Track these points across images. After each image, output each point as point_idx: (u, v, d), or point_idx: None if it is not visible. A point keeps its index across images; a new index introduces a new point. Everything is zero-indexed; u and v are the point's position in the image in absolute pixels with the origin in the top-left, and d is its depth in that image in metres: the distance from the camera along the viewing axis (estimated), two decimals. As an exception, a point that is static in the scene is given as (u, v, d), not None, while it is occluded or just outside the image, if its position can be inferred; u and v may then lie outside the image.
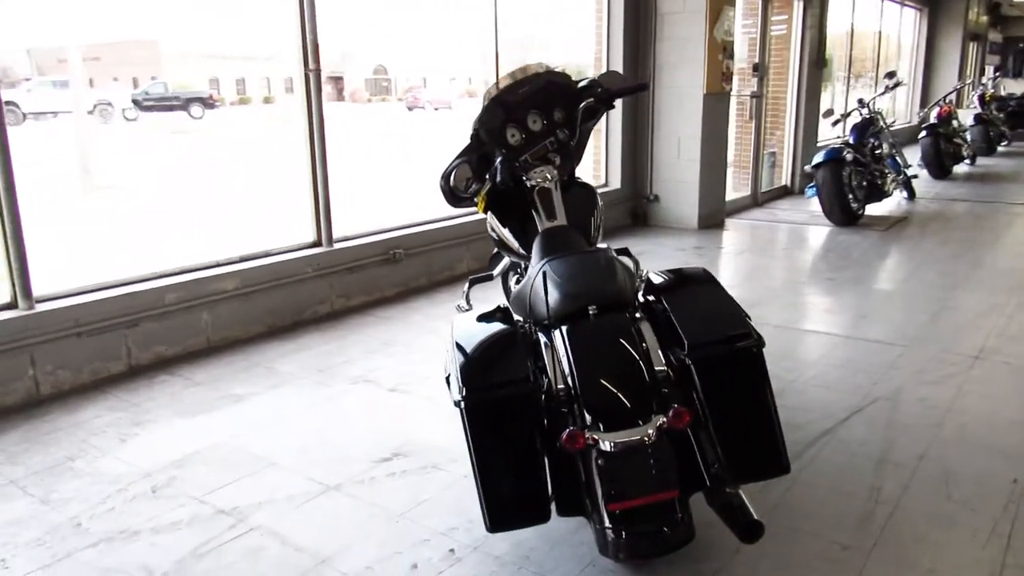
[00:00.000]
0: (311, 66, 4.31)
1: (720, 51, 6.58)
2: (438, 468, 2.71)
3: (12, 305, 3.31)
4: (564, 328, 2.04)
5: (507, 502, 1.86)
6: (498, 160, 2.88)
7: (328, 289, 4.49)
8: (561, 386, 1.95)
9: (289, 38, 4.32)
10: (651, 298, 2.24)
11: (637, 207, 7.07)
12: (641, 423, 1.84)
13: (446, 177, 2.90)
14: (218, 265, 4.06)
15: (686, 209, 6.87)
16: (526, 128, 3.05)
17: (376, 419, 3.14)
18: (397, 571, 2.17)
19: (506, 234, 2.91)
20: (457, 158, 2.97)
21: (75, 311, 3.44)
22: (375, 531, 2.35)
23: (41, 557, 2.24)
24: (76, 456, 2.84)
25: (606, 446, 1.81)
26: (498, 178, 2.80)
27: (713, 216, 7.00)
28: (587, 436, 1.82)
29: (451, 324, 2.24)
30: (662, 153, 6.90)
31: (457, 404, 1.90)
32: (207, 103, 32.97)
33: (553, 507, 1.92)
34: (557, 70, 3.21)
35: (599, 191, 6.67)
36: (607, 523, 1.81)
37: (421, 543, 2.29)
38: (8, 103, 14.52)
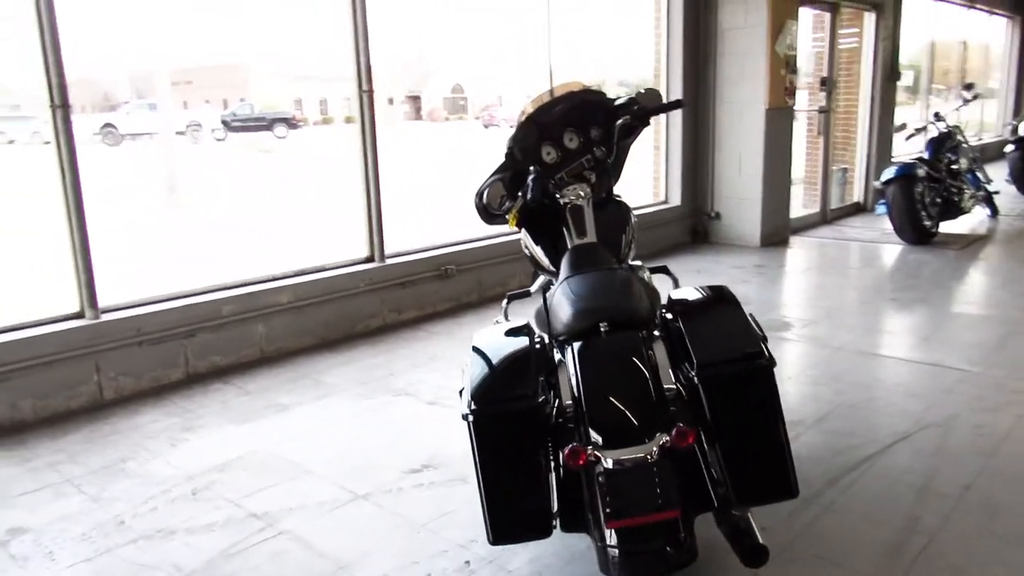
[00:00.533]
0: (364, 87, 4.46)
1: (783, 65, 6.47)
2: (465, 481, 2.75)
3: (80, 315, 3.52)
4: (575, 345, 2.05)
5: (509, 516, 1.88)
6: (530, 178, 2.92)
7: (380, 303, 4.61)
8: (569, 402, 1.96)
9: (345, 60, 4.48)
10: (669, 316, 2.23)
11: (698, 224, 6.98)
12: (645, 441, 1.83)
13: (480, 195, 2.95)
14: (274, 279, 4.23)
15: (748, 226, 6.75)
16: (562, 146, 3.08)
17: (412, 431, 3.21)
18: (413, 580, 2.22)
19: (538, 251, 2.94)
20: (491, 176, 3.02)
21: (137, 321, 3.64)
22: (396, 540, 2.41)
23: (84, 551, 2.38)
24: (129, 458, 3.00)
25: (608, 463, 1.82)
26: (528, 195, 2.84)
27: (777, 234, 6.85)
28: (589, 453, 1.82)
29: (472, 339, 2.28)
30: (723, 170, 6.81)
31: (464, 417, 1.94)
32: (291, 123, 34.18)
33: (558, 523, 1.93)
34: (592, 88, 3.24)
35: (657, 208, 6.70)
36: (607, 540, 1.81)
37: (439, 554, 2.33)
38: (107, 125, 15.30)
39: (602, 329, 2.06)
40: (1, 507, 2.65)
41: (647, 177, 7.03)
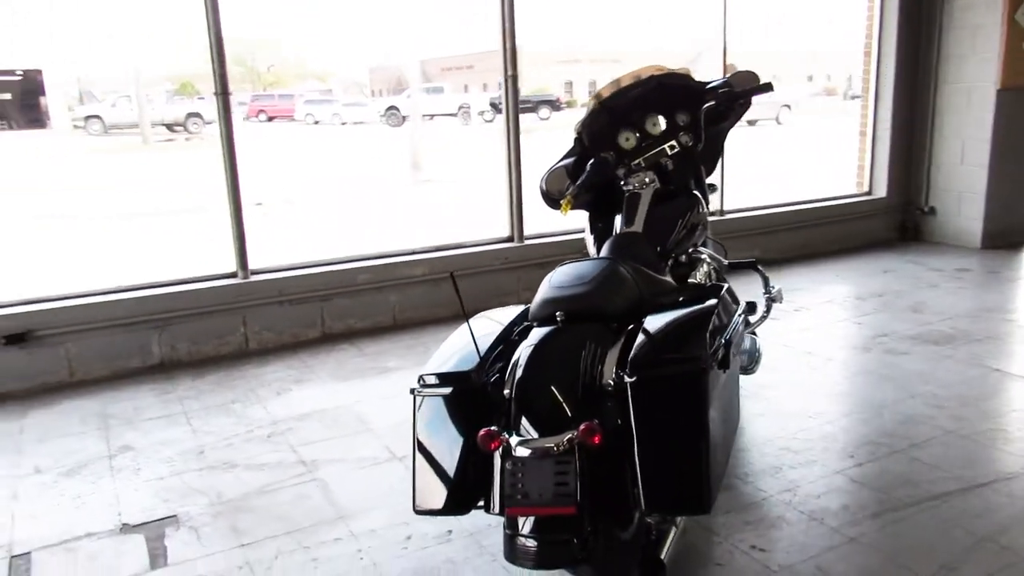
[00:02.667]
0: (509, 72, 4.60)
1: (1023, 40, 5.54)
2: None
3: (234, 275, 4.09)
4: (532, 332, 2.06)
5: (428, 490, 1.95)
6: (589, 164, 2.90)
7: (515, 282, 4.76)
8: (507, 389, 1.98)
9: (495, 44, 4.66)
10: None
11: (907, 219, 6.24)
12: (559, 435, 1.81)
13: (543, 180, 2.98)
14: (412, 253, 4.56)
15: (968, 224, 5.91)
16: (644, 131, 3.00)
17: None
18: (395, 538, 2.38)
19: (588, 238, 2.92)
20: (557, 162, 3.03)
21: (280, 283, 4.14)
22: (400, 501, 2.56)
23: (161, 471, 2.84)
24: (238, 401, 3.47)
25: (516, 451, 1.82)
26: (580, 180, 2.83)
27: (1004, 235, 5.91)
28: (502, 438, 1.84)
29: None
30: (942, 158, 6.00)
31: (411, 392, 2.04)
32: (555, 105, 35.17)
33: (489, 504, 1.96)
34: (677, 71, 3.11)
35: (857, 200, 6.10)
36: (505, 525, 1.83)
37: (430, 520, 2.45)
38: (391, 107, 17.51)
39: (558, 319, 2.05)
40: (127, 427, 3.22)
41: (850, 165, 6.42)
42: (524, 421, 1.88)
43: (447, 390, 1.98)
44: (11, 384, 3.60)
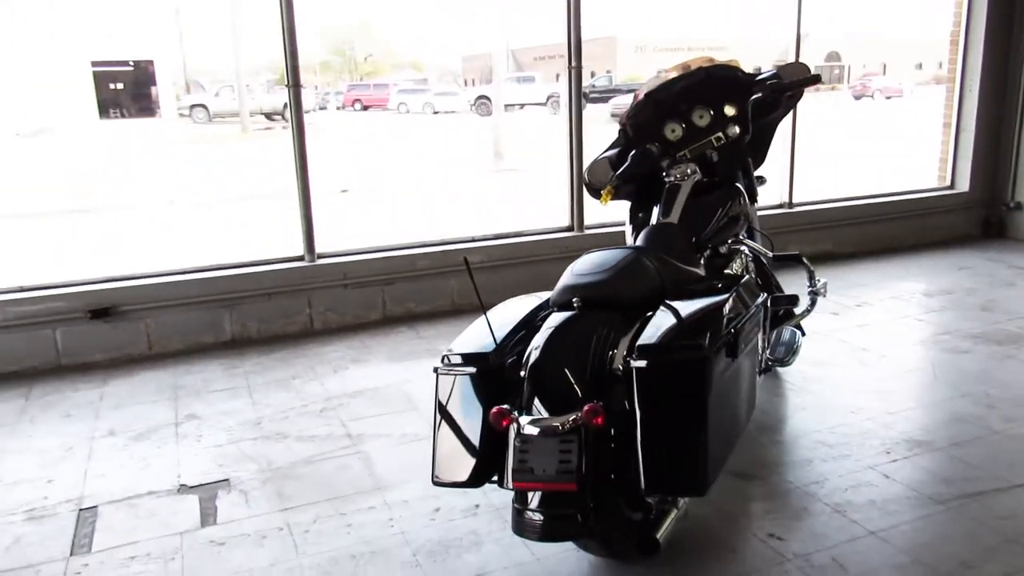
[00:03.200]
0: (573, 63, 4.66)
1: (1123, 24, 5.22)
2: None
3: (301, 258, 4.31)
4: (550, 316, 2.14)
5: (446, 463, 2.06)
6: (631, 154, 2.95)
7: (573, 271, 4.82)
8: (523, 371, 2.07)
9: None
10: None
11: (991, 215, 5.97)
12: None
13: (586, 171, 3.05)
14: (472, 240, 4.69)
15: (1057, 220, 5.62)
16: (690, 123, 3.03)
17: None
18: (425, 509, 2.51)
19: (627, 227, 2.97)
20: (602, 153, 3.09)
21: (345, 267, 4.34)
22: (434, 476, 2.69)
23: (220, 439, 3.06)
24: (298, 376, 3.68)
25: (525, 428, 1.91)
26: (620, 171, 2.88)
27: (1098, 231, 5.60)
28: (512, 416, 1.93)
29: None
30: (1031, 151, 5.72)
31: (434, 370, 2.16)
32: (645, 94, 34.59)
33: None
34: (725, 63, 3.12)
35: (938, 194, 5.88)
36: (513, 499, 1.92)
37: (460, 494, 2.57)
38: (481, 97, 18.15)
39: (575, 305, 2.13)
40: (195, 398, 3.47)
41: (932, 157, 6.18)
42: (536, 401, 1.97)
43: (468, 370, 2.09)
44: (96, 355, 3.91)
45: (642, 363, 1.89)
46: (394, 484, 2.67)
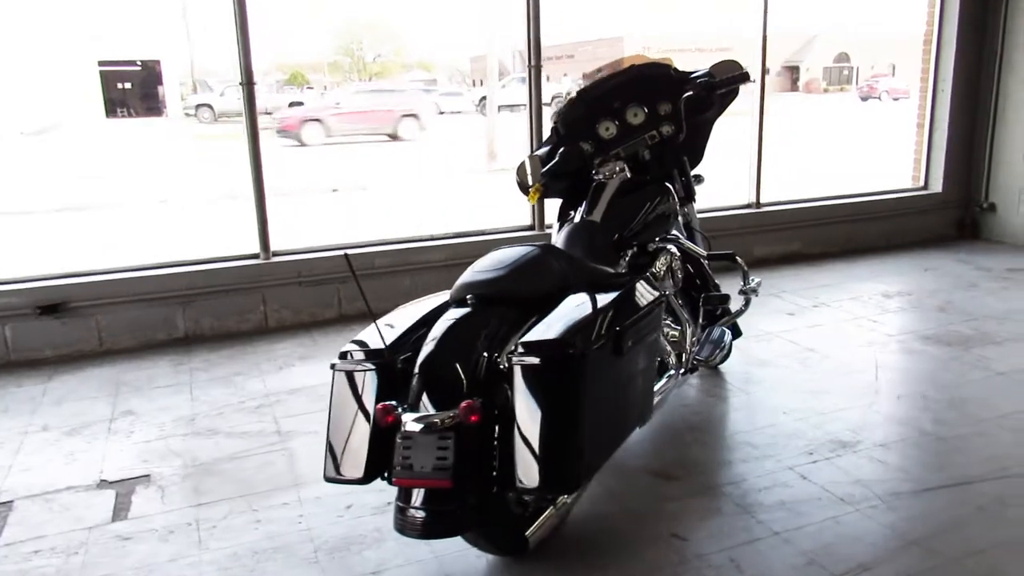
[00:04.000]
0: (533, 62, 4.65)
1: (1094, 23, 5.16)
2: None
3: (256, 256, 4.32)
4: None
5: (335, 460, 2.06)
6: (560, 151, 2.94)
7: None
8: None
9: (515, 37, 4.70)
10: None
11: (965, 216, 5.92)
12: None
13: (517, 168, 3.03)
14: (432, 239, 4.69)
15: (1029, 222, 5.57)
16: (624, 122, 3.02)
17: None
18: (336, 506, 2.51)
19: (555, 225, 2.96)
20: (536, 151, 3.08)
21: (299, 265, 4.35)
22: (352, 473, 2.69)
23: (150, 434, 3.07)
24: (242, 373, 3.69)
25: (406, 425, 1.91)
26: (544, 169, 2.87)
27: (1071, 233, 5.54)
28: (397, 413, 1.93)
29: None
30: (1004, 152, 5.67)
31: (331, 367, 2.16)
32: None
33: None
34: (658, 61, 3.11)
35: (912, 195, 5.84)
36: (396, 496, 1.92)
37: (374, 491, 2.56)
38: (485, 97, 18.05)
39: (469, 301, 2.13)
40: (136, 394, 3.48)
41: (906, 158, 6.14)
42: (424, 397, 1.97)
43: (362, 366, 2.08)
44: (46, 351, 3.94)
45: (519, 359, 1.89)
46: (312, 481, 2.67)
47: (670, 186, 2.99)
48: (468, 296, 2.13)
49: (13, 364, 3.88)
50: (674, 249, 2.91)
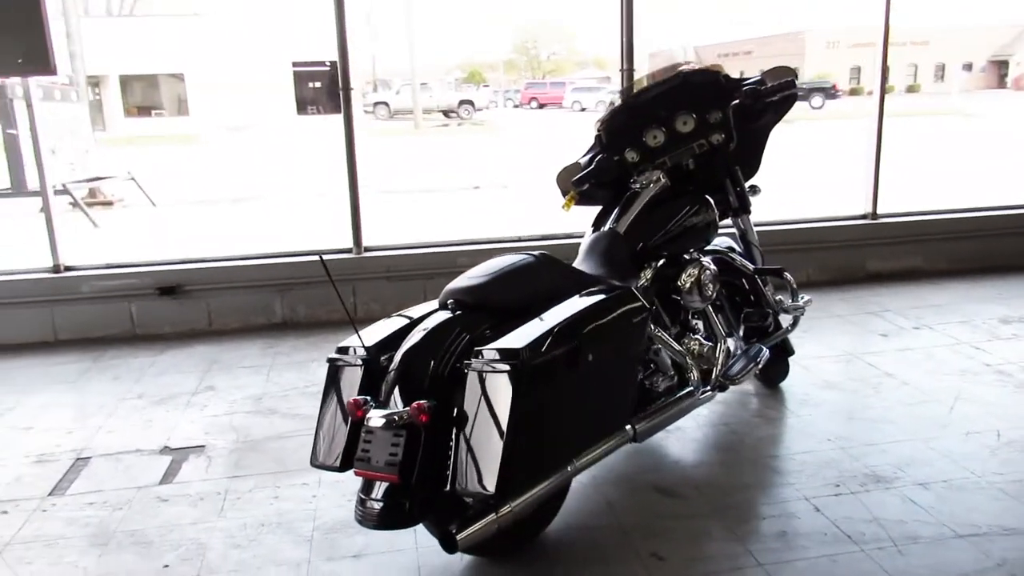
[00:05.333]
0: (625, 65, 4.62)
1: None
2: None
3: (349, 250, 4.61)
4: (430, 316, 2.24)
5: (321, 447, 2.20)
6: (597, 159, 2.95)
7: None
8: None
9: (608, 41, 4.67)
10: None
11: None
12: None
13: (557, 175, 3.07)
14: (517, 240, 4.79)
15: None
16: (672, 129, 2.98)
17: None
18: (349, 491, 2.65)
19: (586, 232, 2.96)
20: (581, 157, 3.10)
21: (388, 260, 4.59)
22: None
23: (220, 410, 3.39)
24: (317, 360, 3.94)
25: (370, 420, 2.02)
26: (577, 177, 2.89)
27: None
28: (365, 408, 2.05)
29: None
30: None
31: (327, 361, 2.31)
32: (830, 93, 32.67)
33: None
34: (707, 67, 3.03)
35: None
36: (359, 489, 2.04)
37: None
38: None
39: (448, 306, 2.21)
40: (223, 372, 3.84)
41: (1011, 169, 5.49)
42: (394, 394, 2.08)
43: (351, 361, 2.23)
44: (165, 327, 4.42)
45: (470, 365, 1.95)
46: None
47: (708, 198, 2.90)
48: (449, 301, 2.21)
49: (138, 338, 4.39)
50: (707, 261, 2.82)
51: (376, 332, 2.31)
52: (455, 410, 1.98)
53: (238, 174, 14.23)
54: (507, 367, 1.89)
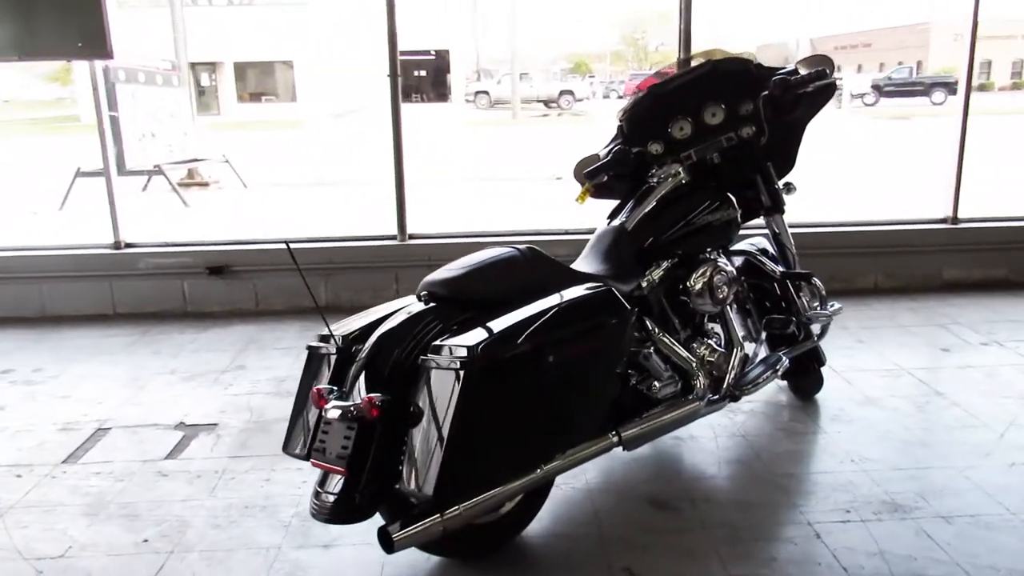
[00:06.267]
0: (681, 55, 4.42)
1: None
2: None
3: (394, 237, 4.62)
4: (406, 307, 2.18)
5: (292, 435, 2.18)
6: (612, 152, 2.82)
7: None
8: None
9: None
10: None
11: None
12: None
13: (575, 167, 2.96)
14: (566, 233, 4.67)
15: None
16: (700, 122, 2.83)
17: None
18: (341, 480, 2.66)
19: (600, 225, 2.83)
20: (602, 149, 2.98)
21: (430, 249, 4.58)
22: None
23: (242, 389, 3.45)
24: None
25: (329, 411, 1.98)
26: (590, 169, 2.77)
27: None
28: (327, 398, 2.02)
29: None
30: None
31: (306, 348, 2.29)
32: (953, 88, 30.77)
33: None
34: (737, 56, 2.85)
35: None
36: (316, 481, 2.01)
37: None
38: None
39: (421, 297, 2.15)
40: (256, 351, 3.92)
41: None
42: (358, 386, 2.04)
43: (324, 349, 2.20)
44: (213, 306, 4.56)
45: (425, 361, 1.89)
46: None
47: (730, 195, 2.72)
48: (422, 292, 2.15)
49: (189, 315, 4.54)
50: (725, 263, 2.65)
51: (354, 322, 2.27)
52: (411, 406, 1.92)
53: (333, 159, 14.60)
54: (456, 365, 1.82)
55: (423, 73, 36.72)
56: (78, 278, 4.54)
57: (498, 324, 1.93)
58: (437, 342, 1.92)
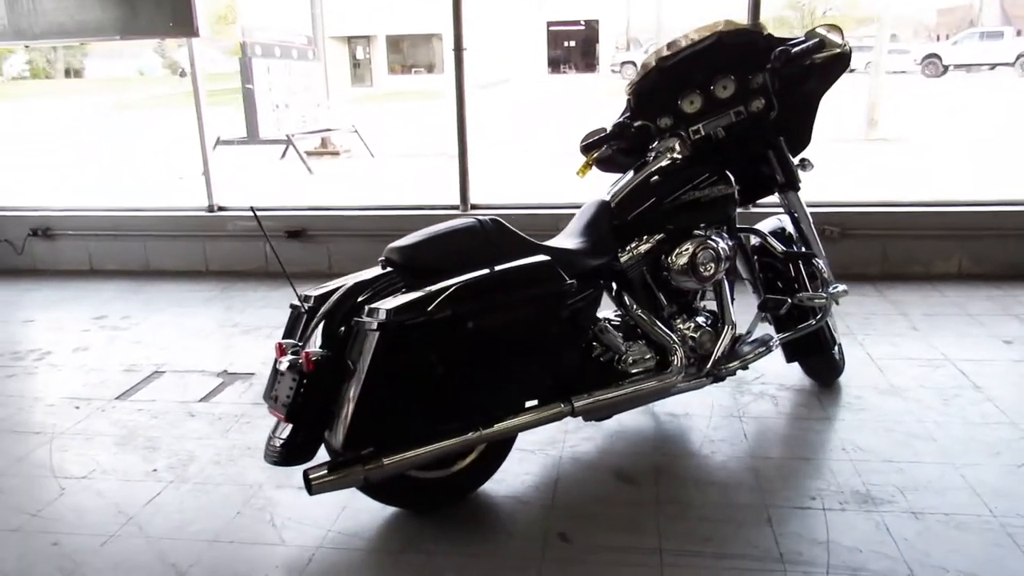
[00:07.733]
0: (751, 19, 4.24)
1: None
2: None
3: (456, 207, 4.78)
4: (372, 273, 2.33)
5: (266, 385, 2.38)
6: (613, 125, 2.82)
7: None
8: None
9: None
10: None
11: None
12: (311, 354, 2.11)
13: (581, 140, 2.98)
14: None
15: None
16: (710, 95, 2.79)
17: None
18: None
19: None
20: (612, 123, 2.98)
21: (490, 219, 4.69)
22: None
23: (287, 344, 3.72)
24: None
25: (281, 362, 2.16)
26: (588, 142, 2.79)
27: None
28: (286, 351, 2.20)
29: None
30: None
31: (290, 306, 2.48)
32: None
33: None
34: (746, 27, 2.77)
35: None
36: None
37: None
38: (929, 56, 17.02)
39: (379, 262, 2.28)
40: (313, 310, 4.19)
41: None
42: (314, 340, 2.21)
43: (299, 308, 2.39)
44: (292, 267, 4.90)
45: (358, 320, 2.03)
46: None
47: (727, 172, 2.65)
48: (381, 259, 2.28)
49: (268, 275, 4.92)
50: (716, 240, 2.59)
51: (331, 284, 2.44)
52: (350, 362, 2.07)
53: (472, 130, 14.95)
54: (374, 327, 1.94)
55: (572, 44, 36.59)
56: (177, 237, 5.02)
57: (425, 291, 2.03)
58: (370, 305, 2.04)
